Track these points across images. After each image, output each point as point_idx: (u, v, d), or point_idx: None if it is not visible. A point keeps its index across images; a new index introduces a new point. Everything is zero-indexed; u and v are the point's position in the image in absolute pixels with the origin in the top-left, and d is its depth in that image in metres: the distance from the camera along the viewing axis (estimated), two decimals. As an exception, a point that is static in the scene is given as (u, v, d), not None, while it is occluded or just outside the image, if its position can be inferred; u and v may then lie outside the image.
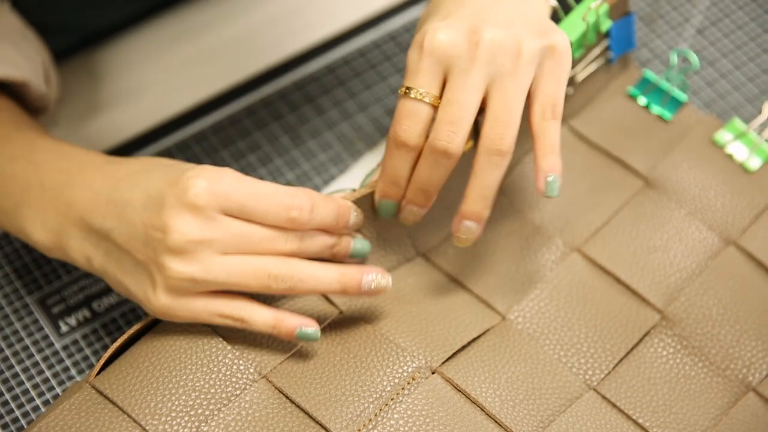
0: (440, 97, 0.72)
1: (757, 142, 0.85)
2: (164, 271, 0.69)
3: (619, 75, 0.87)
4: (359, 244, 0.75)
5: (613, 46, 0.85)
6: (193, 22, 0.96)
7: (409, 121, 0.72)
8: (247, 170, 0.88)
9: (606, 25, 0.83)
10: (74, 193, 0.73)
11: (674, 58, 0.88)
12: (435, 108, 0.72)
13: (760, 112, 0.90)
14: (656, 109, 0.86)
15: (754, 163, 0.84)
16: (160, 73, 0.94)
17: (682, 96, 0.86)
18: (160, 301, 0.70)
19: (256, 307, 0.72)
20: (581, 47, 0.82)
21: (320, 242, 0.73)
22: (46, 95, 0.83)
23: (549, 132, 0.73)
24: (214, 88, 0.93)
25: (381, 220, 0.77)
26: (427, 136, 0.73)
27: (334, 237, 0.73)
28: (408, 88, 0.72)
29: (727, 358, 0.76)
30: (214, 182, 0.70)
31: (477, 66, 0.71)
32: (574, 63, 0.82)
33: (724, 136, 0.85)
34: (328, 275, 0.72)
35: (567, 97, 0.83)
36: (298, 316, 0.72)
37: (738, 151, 0.84)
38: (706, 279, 0.78)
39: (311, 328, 0.72)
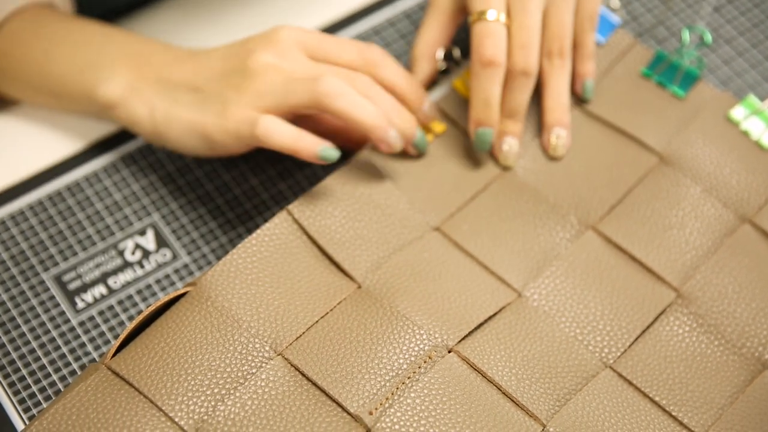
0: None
1: (773, 119, 0.84)
2: (238, 92, 0.77)
3: (630, 56, 0.87)
4: (422, 136, 0.81)
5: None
6: (200, 6, 0.96)
7: (492, 39, 0.79)
8: (262, 147, 0.88)
9: None
10: (155, 57, 0.81)
11: (686, 36, 0.88)
12: (507, 27, 0.80)
13: (776, 89, 0.90)
14: (670, 86, 0.86)
15: None
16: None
17: (695, 72, 0.86)
18: (241, 112, 0.77)
19: (285, 124, 0.77)
20: None
21: (388, 100, 0.79)
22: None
23: (587, 41, 0.84)
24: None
25: (394, 196, 0.77)
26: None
27: (406, 110, 0.80)
28: (481, 11, 0.79)
29: (743, 336, 0.76)
30: (295, 27, 0.79)
31: None
32: None
33: (739, 112, 0.85)
34: (381, 115, 0.78)
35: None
36: (319, 138, 0.77)
37: (754, 127, 0.84)
38: (721, 257, 0.78)
39: (332, 148, 0.77)
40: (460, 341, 0.73)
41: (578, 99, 0.85)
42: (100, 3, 0.93)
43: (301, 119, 0.80)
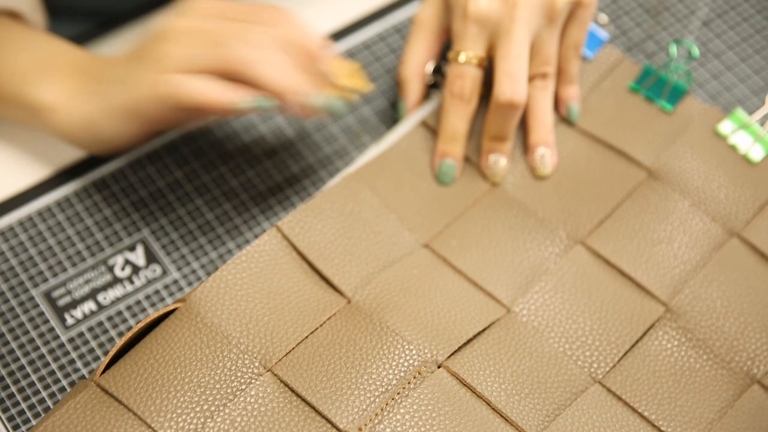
0: (486, 58, 0.82)
1: (760, 132, 0.85)
2: (157, 60, 0.78)
3: (618, 71, 0.87)
4: (334, 101, 0.79)
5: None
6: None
7: (461, 80, 0.82)
8: (252, 163, 0.88)
9: None
10: (93, 66, 0.82)
11: (674, 50, 0.88)
12: (482, 68, 0.82)
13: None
14: (658, 101, 0.86)
15: (757, 154, 0.84)
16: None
17: (683, 86, 0.86)
18: (143, 79, 0.78)
19: (196, 77, 0.77)
20: None
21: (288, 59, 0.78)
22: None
23: (570, 68, 0.85)
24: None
25: (383, 213, 0.78)
26: (479, 94, 0.83)
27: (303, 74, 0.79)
28: (457, 52, 0.82)
29: (731, 350, 0.76)
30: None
31: (518, 25, 0.80)
32: None
33: (727, 126, 0.85)
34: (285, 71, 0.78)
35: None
36: (241, 89, 0.78)
37: (741, 141, 0.84)
38: (710, 271, 0.78)
39: (260, 98, 0.78)
40: (449, 357, 0.74)
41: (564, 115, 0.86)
42: (88, 11, 0.94)
43: None
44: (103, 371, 0.72)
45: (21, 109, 0.83)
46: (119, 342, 0.72)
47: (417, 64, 0.86)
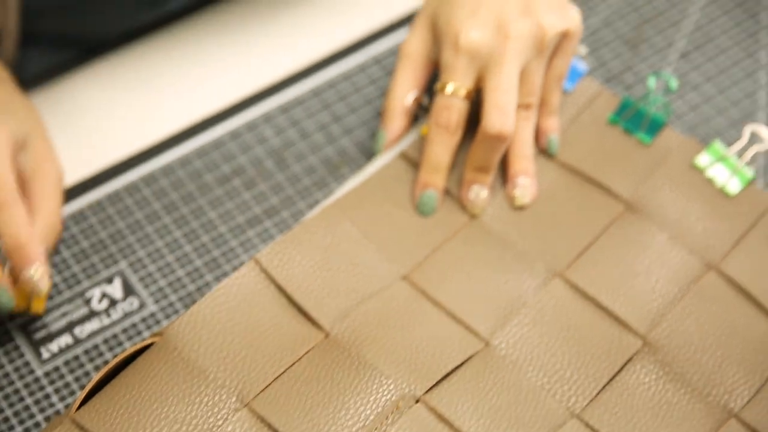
0: (474, 90, 0.82)
1: (737, 165, 0.85)
2: None
3: (597, 103, 0.88)
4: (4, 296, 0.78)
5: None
6: (176, 47, 0.96)
7: (448, 112, 0.82)
8: (231, 194, 0.88)
9: None
10: None
11: (652, 82, 0.88)
12: (469, 100, 0.82)
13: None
14: (636, 133, 0.86)
15: (734, 186, 0.84)
16: (147, 96, 0.94)
17: (661, 119, 0.86)
18: None
19: None
20: None
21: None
22: None
23: (552, 99, 0.85)
24: (199, 113, 0.92)
25: (362, 244, 0.77)
26: (467, 124, 0.83)
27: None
28: (444, 83, 0.81)
29: (709, 384, 0.76)
30: None
31: (509, 57, 0.80)
32: None
33: (704, 159, 0.85)
34: None
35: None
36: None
37: (718, 174, 0.85)
38: (687, 304, 0.79)
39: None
40: (427, 391, 0.73)
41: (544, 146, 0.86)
42: (73, 40, 0.94)
43: None
44: (79, 406, 0.71)
45: None
46: (95, 377, 0.72)
47: (402, 96, 0.86)
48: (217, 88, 0.94)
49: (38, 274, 0.78)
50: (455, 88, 0.81)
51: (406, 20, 0.97)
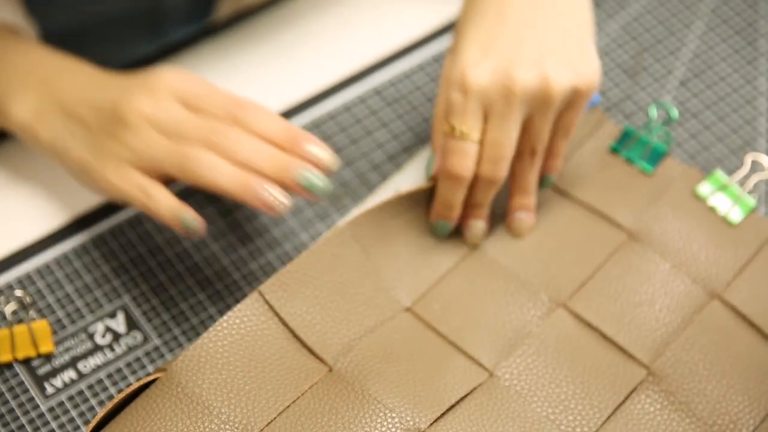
0: (483, 129, 0.80)
1: (739, 194, 0.85)
2: (114, 141, 0.79)
3: (600, 132, 0.88)
4: (316, 177, 0.78)
5: None
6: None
7: (459, 157, 0.80)
8: (232, 226, 0.88)
9: None
10: (61, 85, 0.83)
11: (653, 112, 0.89)
12: (480, 142, 0.80)
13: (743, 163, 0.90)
14: (638, 162, 0.87)
15: (736, 215, 0.84)
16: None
17: (663, 148, 0.86)
18: (105, 168, 0.80)
19: (168, 195, 0.79)
20: None
21: (261, 150, 0.78)
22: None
23: (559, 146, 0.83)
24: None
25: (366, 274, 0.77)
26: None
27: (282, 153, 0.78)
28: (454, 127, 0.79)
29: (714, 413, 0.76)
30: (174, 73, 0.81)
31: (512, 110, 0.78)
32: None
33: (705, 188, 0.85)
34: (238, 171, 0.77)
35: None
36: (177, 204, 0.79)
37: (720, 203, 0.85)
38: (691, 333, 0.79)
39: (190, 217, 0.79)
40: (431, 424, 0.73)
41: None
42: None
43: None
44: (83, 443, 0.71)
45: (6, 126, 0.85)
46: (100, 413, 0.72)
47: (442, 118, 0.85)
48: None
49: (317, 148, 0.79)
50: (466, 131, 0.80)
51: (406, 51, 0.98)
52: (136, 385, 0.73)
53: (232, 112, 0.80)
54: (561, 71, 0.78)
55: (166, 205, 0.79)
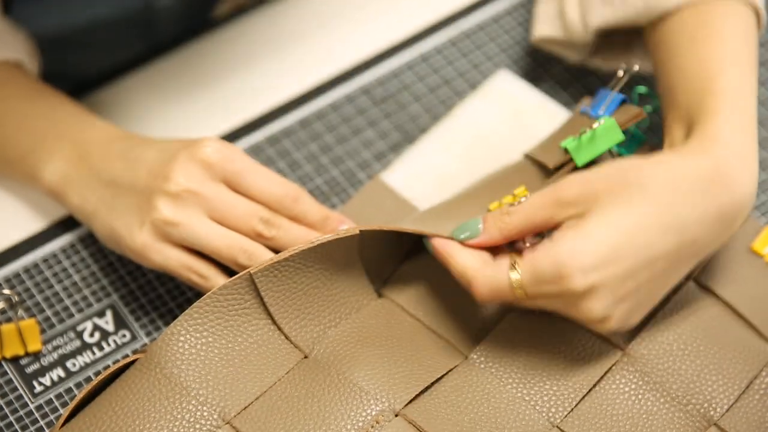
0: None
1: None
2: (154, 211, 0.77)
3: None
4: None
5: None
6: (168, 78, 0.97)
7: (493, 297, 0.75)
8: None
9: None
10: (93, 146, 0.82)
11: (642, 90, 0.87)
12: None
13: None
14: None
15: None
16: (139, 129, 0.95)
17: (641, 135, 0.86)
18: (141, 237, 0.78)
19: (221, 274, 0.79)
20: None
21: (300, 233, 0.79)
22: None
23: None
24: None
25: (337, 260, 0.78)
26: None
27: (317, 234, 0.79)
28: (522, 288, 0.73)
29: (688, 392, 0.76)
30: (224, 146, 0.78)
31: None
32: None
33: None
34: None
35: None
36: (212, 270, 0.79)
37: None
38: (667, 315, 0.79)
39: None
40: (407, 405, 0.74)
41: None
42: (69, 75, 0.95)
43: None
44: (63, 424, 0.72)
45: (36, 187, 0.86)
46: (79, 394, 0.73)
47: None
48: (202, 121, 0.95)
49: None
50: (521, 295, 0.74)
51: (393, 50, 0.98)
52: (115, 367, 0.74)
53: (276, 188, 0.79)
54: (634, 316, 0.75)
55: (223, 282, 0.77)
